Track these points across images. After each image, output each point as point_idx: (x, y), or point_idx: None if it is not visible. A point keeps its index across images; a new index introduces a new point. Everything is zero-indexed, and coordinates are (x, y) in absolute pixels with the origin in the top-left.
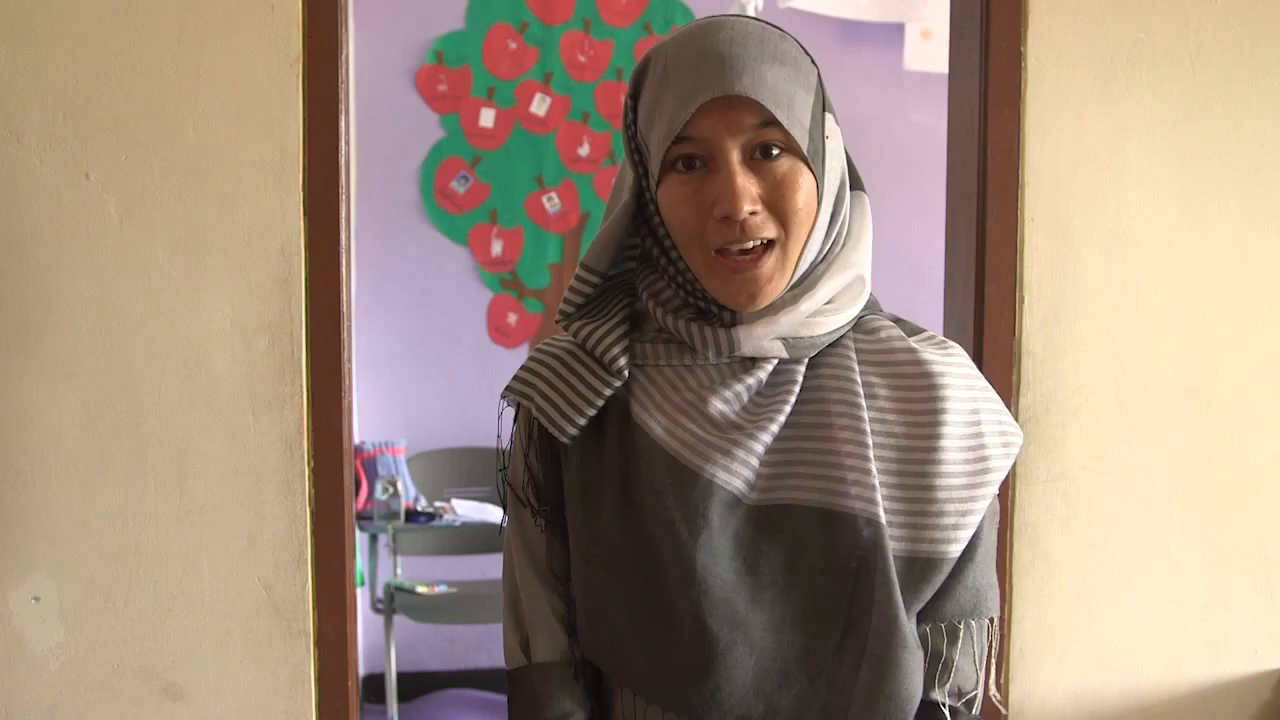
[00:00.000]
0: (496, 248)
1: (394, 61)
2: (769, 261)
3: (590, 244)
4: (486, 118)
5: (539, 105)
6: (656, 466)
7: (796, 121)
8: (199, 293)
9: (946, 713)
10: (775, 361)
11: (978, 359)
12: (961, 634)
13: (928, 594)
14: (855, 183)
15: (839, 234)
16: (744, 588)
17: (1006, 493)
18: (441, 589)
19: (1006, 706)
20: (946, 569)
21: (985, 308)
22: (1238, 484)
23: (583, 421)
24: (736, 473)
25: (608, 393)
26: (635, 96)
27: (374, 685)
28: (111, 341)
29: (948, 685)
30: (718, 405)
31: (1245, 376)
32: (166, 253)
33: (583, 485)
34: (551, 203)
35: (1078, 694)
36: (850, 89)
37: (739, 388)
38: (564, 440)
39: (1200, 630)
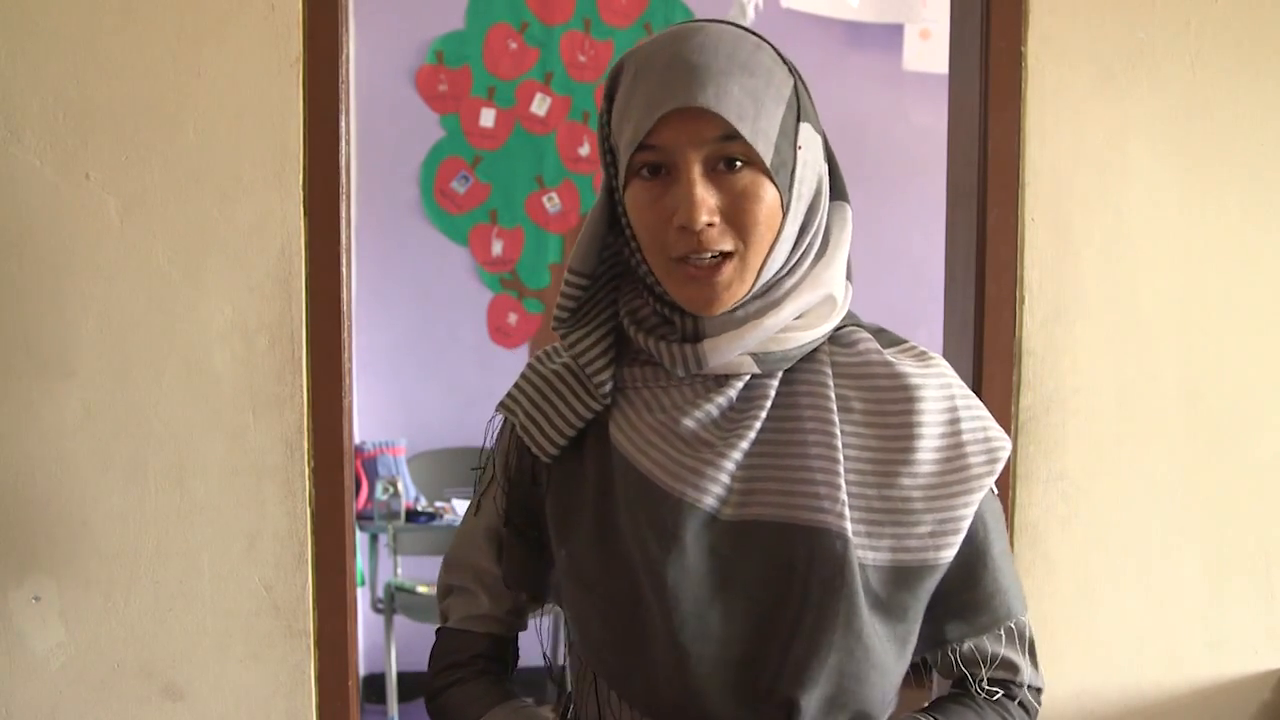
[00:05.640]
0: (497, 248)
1: (394, 61)
2: (727, 271)
3: (574, 246)
4: (487, 117)
5: (539, 105)
6: (630, 486)
7: (761, 135)
8: (199, 293)
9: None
10: (747, 377)
11: (978, 359)
12: (1004, 637)
13: (917, 601)
14: (838, 193)
15: (810, 245)
16: (718, 603)
17: (1006, 493)
18: None
19: None
20: (936, 575)
21: (985, 307)
22: (1238, 483)
23: (563, 442)
24: (707, 489)
25: (590, 416)
26: (610, 98)
27: (374, 685)
28: (111, 341)
29: (985, 682)
30: (688, 424)
31: (1245, 376)
32: (166, 253)
33: (564, 504)
34: (552, 202)
35: (1078, 694)
36: (850, 89)
37: (709, 406)
38: (544, 460)
39: (1200, 630)
